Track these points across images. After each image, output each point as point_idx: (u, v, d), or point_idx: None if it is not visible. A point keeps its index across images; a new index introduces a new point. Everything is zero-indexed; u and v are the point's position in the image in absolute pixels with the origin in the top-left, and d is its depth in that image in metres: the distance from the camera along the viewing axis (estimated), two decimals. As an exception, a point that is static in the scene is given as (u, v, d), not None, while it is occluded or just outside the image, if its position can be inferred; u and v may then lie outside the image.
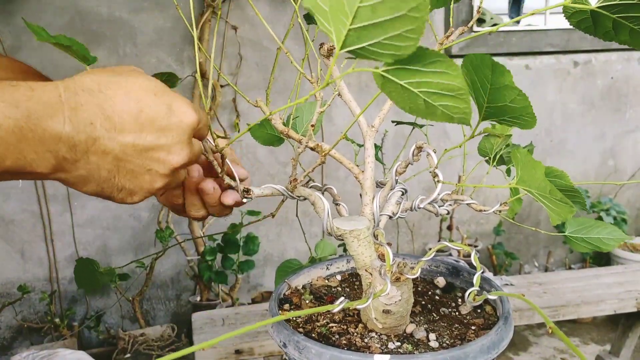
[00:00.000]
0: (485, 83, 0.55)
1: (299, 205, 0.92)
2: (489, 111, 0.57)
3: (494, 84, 0.54)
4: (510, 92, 0.54)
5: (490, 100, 0.56)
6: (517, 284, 1.87)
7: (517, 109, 0.55)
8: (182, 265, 2.45)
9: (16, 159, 0.43)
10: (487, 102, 0.56)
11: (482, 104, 0.57)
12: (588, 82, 2.70)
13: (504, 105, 0.56)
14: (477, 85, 0.56)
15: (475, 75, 0.55)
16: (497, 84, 0.54)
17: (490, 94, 0.55)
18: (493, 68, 0.53)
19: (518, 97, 0.54)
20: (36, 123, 0.43)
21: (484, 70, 0.54)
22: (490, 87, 0.55)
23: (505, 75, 0.53)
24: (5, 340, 2.31)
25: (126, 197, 0.53)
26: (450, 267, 0.79)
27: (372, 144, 0.65)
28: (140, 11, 2.17)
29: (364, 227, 0.61)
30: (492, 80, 0.54)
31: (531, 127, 0.57)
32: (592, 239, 0.70)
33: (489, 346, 0.56)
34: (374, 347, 0.59)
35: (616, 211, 2.64)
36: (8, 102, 0.42)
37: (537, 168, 0.56)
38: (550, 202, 0.57)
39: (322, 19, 0.39)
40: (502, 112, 0.57)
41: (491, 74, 0.54)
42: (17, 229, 2.22)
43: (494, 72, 0.54)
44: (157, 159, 0.51)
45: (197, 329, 1.62)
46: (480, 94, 0.56)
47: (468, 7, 2.44)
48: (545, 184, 0.55)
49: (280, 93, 2.26)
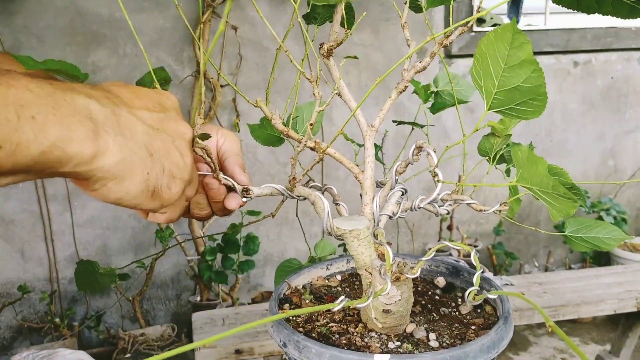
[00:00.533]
0: (498, 64, 0.54)
1: (299, 205, 0.92)
2: (498, 98, 0.56)
3: (508, 61, 0.53)
4: (525, 69, 0.53)
5: (502, 83, 0.54)
6: (517, 284, 1.87)
7: (529, 89, 0.54)
8: (182, 265, 2.45)
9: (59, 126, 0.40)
10: (498, 87, 0.55)
11: (491, 90, 0.56)
12: (588, 82, 2.70)
13: (515, 88, 0.54)
14: (488, 69, 0.55)
15: (488, 56, 0.54)
16: (513, 59, 0.53)
17: (502, 75, 0.54)
18: (513, 39, 0.52)
19: (533, 74, 0.53)
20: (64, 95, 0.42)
21: (499, 47, 0.53)
22: (504, 66, 0.54)
23: (524, 47, 0.52)
24: (5, 340, 2.31)
25: (170, 183, 0.50)
26: (450, 267, 0.79)
27: (372, 144, 0.65)
28: (141, 11, 2.17)
29: (363, 226, 0.61)
30: (508, 58, 0.53)
31: (539, 113, 0.56)
32: (592, 239, 0.70)
33: (489, 346, 0.56)
34: (374, 347, 0.59)
35: (616, 211, 2.64)
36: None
37: (539, 164, 0.55)
38: (552, 199, 0.57)
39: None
40: (511, 98, 0.55)
41: (508, 49, 0.52)
42: (17, 229, 2.22)
43: (512, 45, 0.52)
44: (173, 130, 0.52)
45: (197, 328, 1.62)
46: (490, 79, 0.55)
47: (468, 7, 2.44)
48: (547, 179, 0.55)
49: (280, 93, 2.26)
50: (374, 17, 2.38)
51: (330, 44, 0.58)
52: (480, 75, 0.56)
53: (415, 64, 0.60)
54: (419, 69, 0.60)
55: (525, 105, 0.56)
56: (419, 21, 2.05)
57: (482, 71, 0.55)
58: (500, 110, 0.58)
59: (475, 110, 2.52)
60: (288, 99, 0.77)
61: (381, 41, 2.41)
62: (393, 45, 2.43)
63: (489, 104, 0.57)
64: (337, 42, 0.58)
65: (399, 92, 0.62)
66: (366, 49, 2.40)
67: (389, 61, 2.43)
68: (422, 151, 0.63)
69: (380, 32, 2.40)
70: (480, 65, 0.55)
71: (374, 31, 2.40)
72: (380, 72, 2.44)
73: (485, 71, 0.55)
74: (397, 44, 2.42)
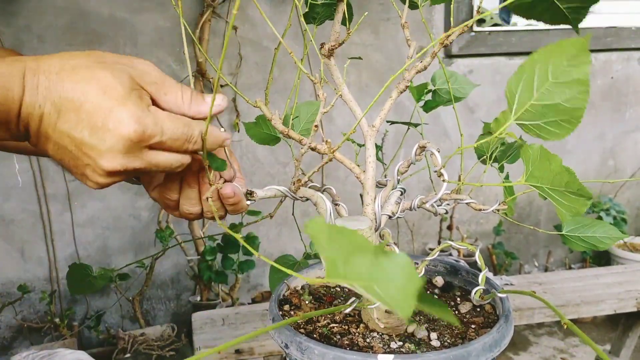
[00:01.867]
0: (546, 76, 0.51)
1: (299, 205, 0.92)
2: (529, 111, 0.53)
3: (559, 77, 0.50)
4: (574, 88, 0.50)
5: (541, 97, 0.51)
6: (517, 283, 1.87)
7: (568, 110, 0.51)
8: (182, 265, 2.45)
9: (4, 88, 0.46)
10: (535, 100, 0.52)
11: (525, 102, 0.53)
12: (588, 82, 2.69)
13: (554, 105, 0.52)
14: (531, 79, 0.52)
15: (539, 67, 0.51)
16: (565, 77, 0.50)
17: (546, 89, 0.51)
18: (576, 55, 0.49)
19: (579, 95, 0.50)
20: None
21: (557, 59, 0.50)
22: (551, 81, 0.50)
23: (582, 67, 0.49)
24: (5, 340, 2.31)
25: (85, 181, 0.53)
26: (448, 266, 0.79)
27: (373, 144, 0.65)
28: (141, 11, 2.17)
29: (366, 227, 0.61)
30: (561, 72, 0.50)
31: (561, 137, 0.52)
32: (589, 238, 0.71)
33: (491, 344, 0.56)
34: (377, 347, 0.59)
35: (616, 211, 2.65)
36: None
37: (553, 161, 0.55)
38: (562, 197, 0.56)
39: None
40: (545, 114, 0.53)
41: (566, 64, 0.49)
42: (17, 229, 2.22)
43: (572, 62, 0.49)
44: (90, 157, 0.50)
45: (197, 328, 1.62)
46: (529, 91, 0.52)
47: (468, 7, 2.44)
48: (561, 176, 0.54)
49: (280, 93, 2.26)
50: (374, 17, 2.38)
51: (331, 44, 0.58)
52: (518, 84, 0.53)
53: (415, 63, 0.60)
54: (419, 68, 0.60)
55: (553, 125, 0.53)
56: (419, 21, 2.05)
57: (523, 81, 0.51)
58: (524, 124, 0.56)
59: (475, 110, 2.52)
60: (288, 99, 0.77)
61: (381, 41, 2.41)
62: (393, 45, 2.43)
63: (516, 114, 0.54)
64: (338, 42, 0.58)
65: (400, 92, 0.62)
66: (366, 48, 2.40)
67: (389, 61, 2.43)
68: (425, 151, 0.63)
69: (380, 32, 2.40)
70: (524, 75, 0.52)
71: (374, 31, 2.40)
72: (380, 72, 2.44)
73: (528, 82, 0.52)
74: (397, 43, 2.42)
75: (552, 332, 2.57)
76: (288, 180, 0.65)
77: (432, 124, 2.43)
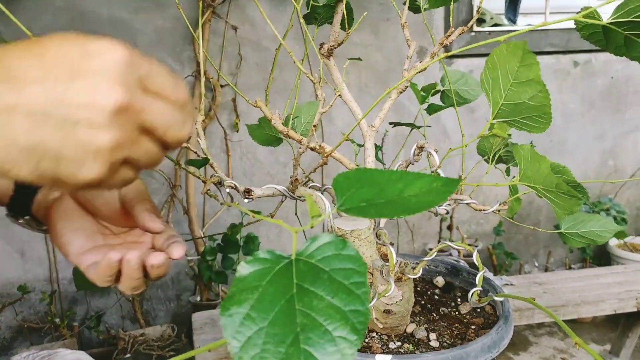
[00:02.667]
0: (507, 77, 0.54)
1: (299, 205, 0.92)
2: (504, 110, 0.57)
3: (517, 77, 0.53)
4: (532, 88, 0.53)
5: (509, 97, 0.55)
6: (517, 284, 1.87)
7: (535, 107, 0.54)
8: (182, 265, 2.45)
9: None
10: (504, 99, 0.55)
11: (498, 100, 0.56)
12: (588, 82, 2.70)
13: (522, 103, 0.55)
14: (497, 80, 0.55)
15: (499, 68, 0.54)
16: (522, 77, 0.53)
17: (510, 89, 0.54)
18: (523, 58, 0.52)
19: (539, 94, 0.53)
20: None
21: (510, 62, 0.53)
22: (512, 81, 0.54)
23: (533, 67, 0.52)
24: (5, 341, 2.31)
25: (76, 171, 0.38)
26: (449, 266, 0.79)
27: (372, 144, 0.65)
28: (140, 11, 2.17)
29: (364, 227, 0.61)
30: (517, 73, 0.53)
31: (543, 129, 0.57)
32: (586, 233, 0.71)
33: (490, 345, 0.56)
34: (375, 347, 0.59)
35: (616, 211, 2.65)
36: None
37: (542, 162, 0.55)
38: (555, 197, 0.57)
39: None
40: (517, 111, 0.56)
41: (518, 66, 0.53)
42: (17, 229, 2.21)
43: (522, 63, 0.52)
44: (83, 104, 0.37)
45: (197, 329, 1.62)
46: (498, 90, 0.56)
47: (468, 7, 2.44)
48: (551, 177, 0.55)
49: (280, 93, 2.26)
50: (374, 17, 2.38)
51: (330, 44, 0.58)
52: (489, 83, 0.56)
53: (415, 64, 0.60)
54: (419, 69, 0.60)
55: (529, 120, 0.57)
56: (419, 21, 2.05)
57: (491, 80, 0.55)
58: (507, 120, 0.58)
59: (476, 110, 2.52)
60: (288, 99, 0.77)
61: (381, 41, 2.41)
62: (393, 45, 2.42)
63: (494, 113, 0.57)
64: (337, 42, 0.58)
65: (400, 92, 0.62)
66: (366, 49, 2.40)
67: (389, 61, 2.43)
68: (424, 151, 0.63)
69: (380, 32, 2.40)
70: (491, 74, 0.55)
71: (374, 31, 2.39)
72: (380, 72, 2.43)
73: (495, 81, 0.55)
74: (397, 44, 2.42)
75: (552, 332, 2.57)
76: (288, 180, 0.65)
77: (432, 125, 2.43)
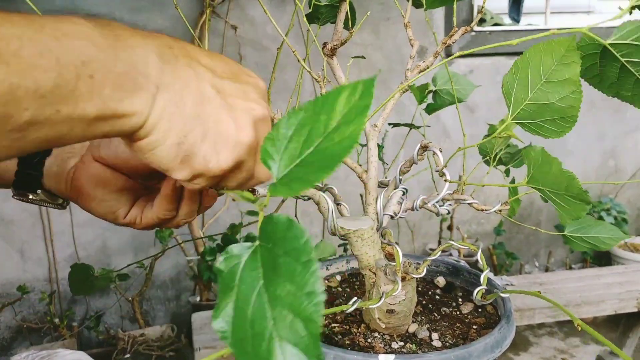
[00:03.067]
0: (538, 75, 0.51)
1: (299, 205, 0.92)
2: (526, 110, 0.54)
3: (551, 77, 0.51)
4: (566, 88, 0.51)
5: (535, 97, 0.52)
6: (518, 284, 1.87)
7: (563, 109, 0.52)
8: (182, 266, 2.44)
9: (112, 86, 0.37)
10: (530, 99, 0.52)
11: (522, 100, 0.53)
12: (588, 82, 2.70)
13: (548, 104, 0.52)
14: (525, 79, 0.52)
15: (531, 66, 0.52)
16: (557, 76, 0.51)
17: (539, 88, 0.51)
18: (565, 55, 0.50)
19: (572, 95, 0.51)
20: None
21: (546, 59, 0.50)
22: (543, 80, 0.51)
23: (572, 66, 0.50)
24: (4, 341, 2.30)
25: (212, 155, 0.42)
26: (450, 266, 0.79)
27: (375, 144, 0.65)
28: (140, 11, 2.17)
29: (368, 227, 0.60)
30: (552, 72, 0.50)
31: (561, 135, 0.53)
32: (591, 238, 0.70)
33: (493, 345, 0.56)
34: (378, 347, 0.59)
35: (617, 211, 2.64)
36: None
37: (553, 164, 0.55)
38: (563, 201, 0.56)
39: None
40: (541, 113, 0.53)
41: (555, 64, 0.50)
42: (17, 229, 2.21)
43: (561, 61, 0.50)
44: (239, 102, 0.43)
45: (197, 329, 1.62)
46: (523, 89, 0.53)
47: (468, 7, 2.44)
48: (561, 179, 0.54)
49: (280, 93, 2.26)
50: (374, 17, 2.38)
51: (334, 43, 0.58)
52: (513, 85, 0.53)
53: (418, 63, 0.60)
54: (422, 68, 0.60)
55: (551, 123, 0.54)
56: (419, 20, 2.05)
57: (517, 80, 0.53)
58: (522, 122, 0.56)
59: (475, 110, 2.52)
60: (290, 99, 0.77)
61: (382, 41, 2.41)
62: (393, 45, 2.42)
63: (514, 113, 0.55)
64: (341, 41, 0.58)
65: (402, 92, 0.62)
66: (367, 48, 2.39)
67: (389, 61, 2.43)
68: (427, 151, 0.63)
69: (380, 31, 2.40)
70: (518, 74, 0.52)
71: (375, 31, 2.39)
72: (380, 71, 2.43)
73: (521, 81, 0.52)
74: (397, 43, 2.42)
75: (553, 332, 2.56)
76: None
77: (432, 124, 2.43)
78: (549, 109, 0.52)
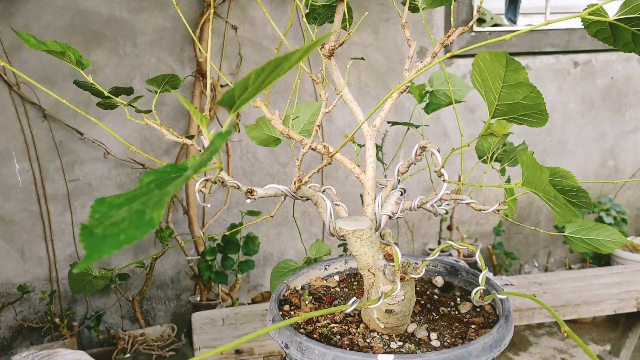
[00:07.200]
0: (497, 80, 0.55)
1: (298, 205, 0.92)
2: (500, 109, 0.57)
3: (506, 81, 0.55)
4: (523, 89, 0.54)
5: (502, 97, 0.56)
6: (517, 284, 1.87)
7: (530, 106, 0.55)
8: (182, 265, 2.44)
9: None
10: (499, 100, 0.56)
11: (493, 101, 0.57)
12: (588, 82, 2.70)
13: (516, 103, 0.56)
14: (487, 83, 0.56)
15: (487, 72, 0.55)
16: (510, 80, 0.54)
17: (502, 91, 0.55)
18: (507, 64, 0.53)
19: (531, 94, 0.54)
20: None
21: (496, 68, 0.54)
22: (502, 84, 0.55)
23: (520, 72, 0.53)
24: (5, 340, 2.31)
25: None
26: (448, 266, 0.79)
27: (373, 144, 0.65)
28: (141, 11, 2.17)
29: (366, 227, 0.61)
30: (505, 78, 0.54)
31: (542, 124, 0.58)
32: (592, 241, 0.71)
33: (491, 344, 0.56)
34: (377, 347, 0.59)
35: (616, 211, 2.65)
36: None
37: (542, 172, 0.56)
38: (556, 205, 0.57)
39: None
40: (513, 110, 0.57)
41: (504, 71, 0.54)
42: (17, 229, 2.22)
43: (508, 69, 0.54)
44: None
45: (197, 329, 1.62)
46: (490, 92, 0.56)
47: (468, 7, 2.44)
48: (549, 188, 0.55)
49: (280, 93, 2.26)
50: (374, 17, 2.38)
51: (332, 44, 0.58)
52: (481, 85, 0.57)
53: (416, 63, 0.60)
54: (419, 69, 0.60)
55: (527, 116, 0.57)
56: (419, 21, 2.05)
57: (482, 81, 0.56)
58: (505, 118, 0.59)
59: (475, 110, 2.52)
60: (288, 99, 0.77)
61: (381, 41, 2.41)
62: (393, 45, 2.42)
63: (491, 113, 0.58)
64: (338, 42, 0.58)
65: (401, 92, 0.62)
66: (366, 49, 2.39)
67: (389, 61, 2.43)
68: (426, 151, 0.63)
69: (380, 32, 2.40)
70: (480, 76, 0.56)
71: (374, 31, 2.39)
72: (380, 72, 2.43)
73: (485, 83, 0.56)
74: (397, 43, 2.42)
75: (552, 332, 2.57)
76: (288, 180, 0.64)
77: (432, 124, 2.43)
78: (519, 106, 0.57)
